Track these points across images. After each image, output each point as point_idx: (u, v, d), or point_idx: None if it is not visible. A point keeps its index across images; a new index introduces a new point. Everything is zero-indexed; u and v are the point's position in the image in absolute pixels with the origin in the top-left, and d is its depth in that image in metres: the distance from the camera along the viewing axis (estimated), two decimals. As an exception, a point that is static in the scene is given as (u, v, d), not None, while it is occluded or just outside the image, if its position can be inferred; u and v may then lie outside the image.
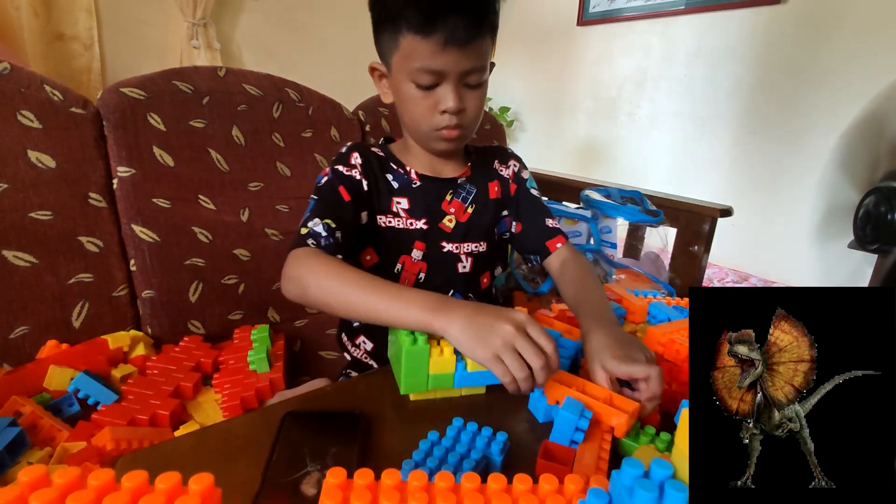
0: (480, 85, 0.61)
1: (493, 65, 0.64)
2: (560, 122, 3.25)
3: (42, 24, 1.85)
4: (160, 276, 0.86)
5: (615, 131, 2.96)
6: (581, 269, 0.67)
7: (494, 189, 0.71)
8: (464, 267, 0.69)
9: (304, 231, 0.57)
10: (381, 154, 0.68)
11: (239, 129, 0.95)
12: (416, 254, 0.67)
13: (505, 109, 3.34)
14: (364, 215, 0.65)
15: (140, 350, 0.80)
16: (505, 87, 3.36)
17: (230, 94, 0.95)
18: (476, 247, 0.69)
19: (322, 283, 0.52)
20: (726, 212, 1.14)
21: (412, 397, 0.50)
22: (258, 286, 0.96)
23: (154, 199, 0.86)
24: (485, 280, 0.71)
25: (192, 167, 0.90)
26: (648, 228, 1.20)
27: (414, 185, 0.67)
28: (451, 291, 0.69)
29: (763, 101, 2.30)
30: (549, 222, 0.72)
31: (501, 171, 0.73)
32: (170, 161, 0.87)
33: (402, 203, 0.66)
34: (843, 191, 1.08)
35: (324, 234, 0.56)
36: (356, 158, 0.65)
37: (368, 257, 0.67)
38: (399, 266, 0.67)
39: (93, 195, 0.81)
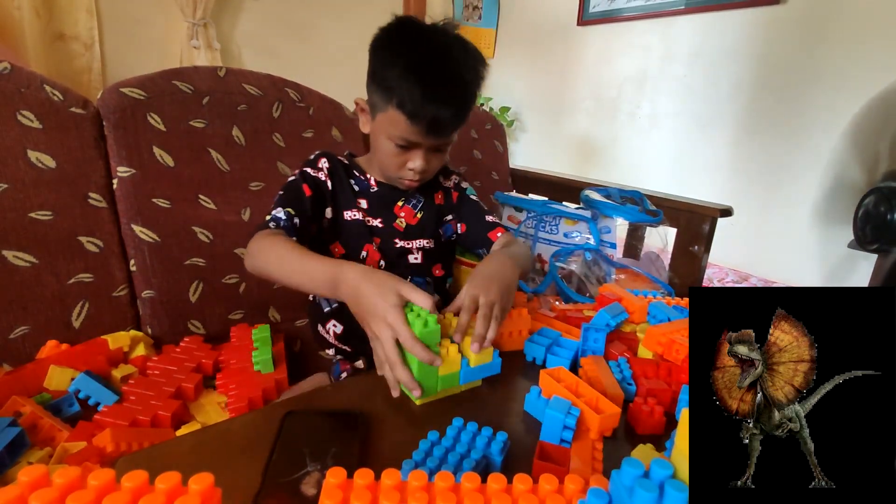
0: (445, 150, 0.72)
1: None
2: (560, 122, 3.25)
3: (43, 24, 1.85)
4: (160, 276, 0.86)
5: (615, 131, 2.96)
6: (516, 245, 0.77)
7: (438, 197, 0.82)
8: (415, 258, 0.79)
9: (267, 217, 0.68)
10: (346, 163, 0.78)
11: (239, 129, 0.95)
12: (375, 245, 0.76)
13: (505, 109, 3.34)
14: (329, 211, 0.74)
15: (140, 350, 0.80)
16: (505, 87, 3.36)
17: (230, 94, 0.95)
18: (426, 243, 0.79)
19: (267, 254, 0.63)
20: (726, 212, 1.14)
21: (418, 401, 0.50)
22: (259, 286, 0.96)
23: (154, 199, 0.86)
24: (437, 271, 0.81)
25: (192, 167, 0.90)
26: (648, 228, 1.20)
27: (372, 190, 0.77)
28: (410, 277, 0.78)
29: (763, 101, 2.30)
30: (489, 218, 0.82)
31: (444, 183, 0.83)
32: (170, 161, 0.87)
33: (362, 203, 0.76)
34: (843, 190, 1.08)
35: (283, 217, 0.67)
36: (324, 163, 0.75)
37: (337, 250, 0.76)
38: (364, 253, 0.75)
39: (93, 195, 0.81)
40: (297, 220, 0.68)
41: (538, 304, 0.78)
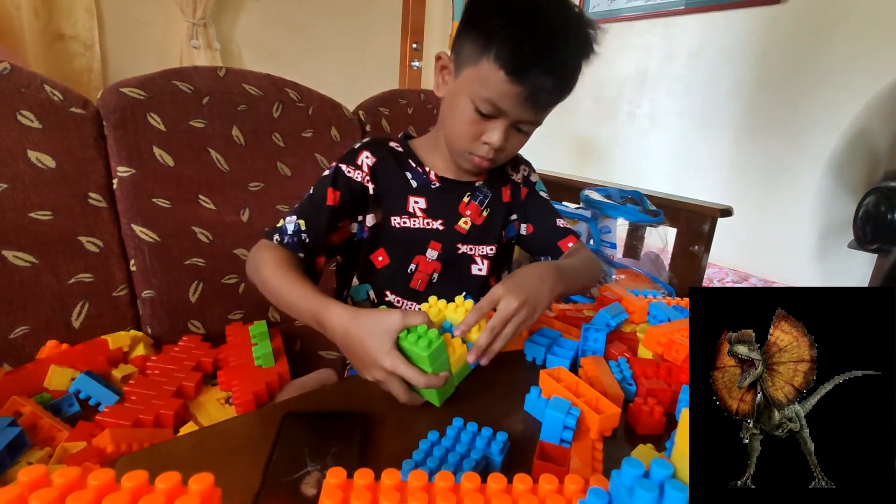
0: (528, 132, 0.62)
1: None
2: (560, 122, 3.25)
3: (42, 24, 1.85)
4: (160, 276, 0.86)
5: (615, 131, 2.96)
6: (581, 256, 0.67)
7: (507, 193, 0.71)
8: (479, 269, 0.69)
9: (279, 224, 0.61)
10: (401, 150, 0.68)
11: (239, 129, 0.95)
12: (431, 254, 0.67)
13: (505, 109, 3.34)
14: (371, 217, 0.66)
15: (140, 350, 0.80)
16: (505, 87, 3.36)
17: (230, 94, 0.95)
18: (489, 249, 0.69)
19: (259, 272, 0.57)
20: (726, 212, 1.14)
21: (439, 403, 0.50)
22: (258, 286, 0.96)
23: (154, 199, 0.86)
24: (493, 283, 0.71)
25: (192, 167, 0.90)
26: (648, 228, 1.20)
27: (433, 186, 0.67)
28: (464, 294, 0.69)
29: (763, 101, 2.30)
30: (560, 223, 0.72)
31: (513, 175, 0.73)
32: (170, 161, 0.87)
33: (419, 203, 0.66)
34: (843, 191, 1.09)
35: (290, 232, 0.60)
36: (365, 158, 0.65)
37: (381, 258, 0.68)
38: (413, 266, 0.67)
39: (93, 195, 0.81)
40: (304, 237, 0.60)
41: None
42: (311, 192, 0.64)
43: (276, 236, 0.60)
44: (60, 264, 0.78)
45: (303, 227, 0.61)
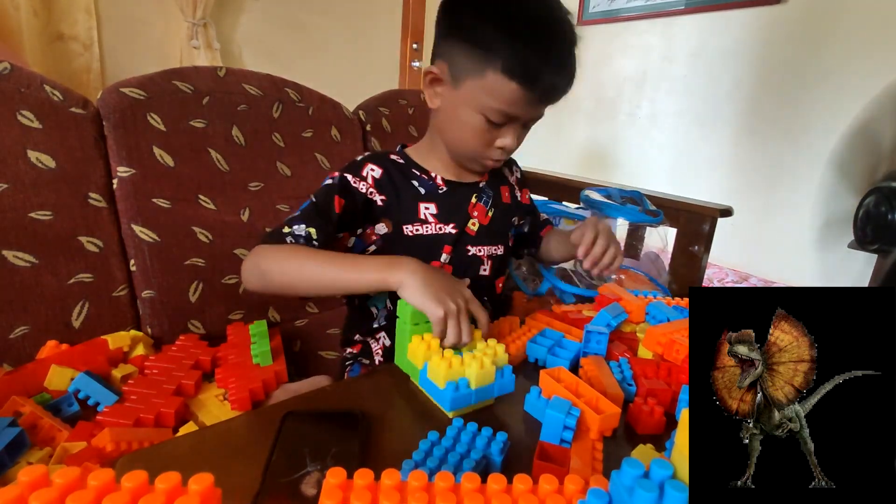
0: (531, 125, 0.64)
1: None
2: (560, 123, 3.25)
3: (41, 24, 1.85)
4: (160, 276, 0.86)
5: (615, 131, 2.96)
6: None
7: (505, 194, 0.73)
8: (485, 269, 0.69)
9: (286, 230, 0.58)
10: (402, 161, 0.67)
11: (239, 129, 0.95)
12: (444, 257, 0.67)
13: (505, 109, 3.34)
14: (382, 226, 0.65)
15: (140, 350, 0.80)
16: (505, 87, 3.35)
17: (230, 94, 0.95)
18: (495, 250, 0.70)
19: (283, 265, 0.55)
20: (726, 212, 1.14)
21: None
22: (258, 286, 0.96)
23: (154, 199, 0.86)
24: (499, 285, 0.73)
25: (192, 167, 0.90)
26: (648, 228, 1.20)
27: (441, 191, 0.67)
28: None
29: (763, 101, 2.30)
30: (541, 217, 0.81)
31: (509, 177, 0.75)
32: (170, 161, 0.87)
33: (430, 209, 0.66)
34: (843, 191, 1.09)
35: (303, 236, 0.58)
36: (370, 171, 0.64)
37: None
38: None
39: (93, 195, 0.81)
40: (315, 244, 0.59)
41: (537, 305, 0.78)
42: (313, 199, 0.62)
43: (290, 239, 0.58)
44: (60, 264, 0.78)
45: (314, 235, 0.59)
